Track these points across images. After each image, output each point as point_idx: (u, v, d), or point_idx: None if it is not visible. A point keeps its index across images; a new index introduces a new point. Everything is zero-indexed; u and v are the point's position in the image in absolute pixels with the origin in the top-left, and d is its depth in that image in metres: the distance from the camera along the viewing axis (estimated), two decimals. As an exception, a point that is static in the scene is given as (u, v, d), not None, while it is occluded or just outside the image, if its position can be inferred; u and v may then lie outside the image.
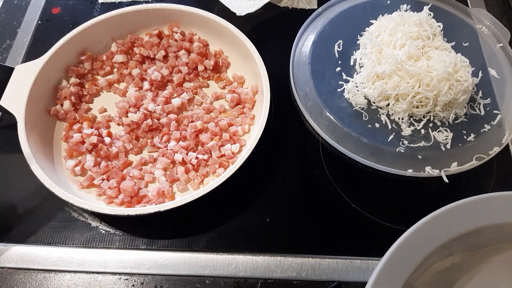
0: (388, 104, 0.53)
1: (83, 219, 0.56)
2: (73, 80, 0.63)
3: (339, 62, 0.58)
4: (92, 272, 0.52)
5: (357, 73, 0.57)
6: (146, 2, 0.74)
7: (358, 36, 0.60)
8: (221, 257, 0.53)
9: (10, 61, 0.71)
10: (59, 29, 0.73)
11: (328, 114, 0.53)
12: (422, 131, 0.52)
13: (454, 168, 0.50)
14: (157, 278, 0.52)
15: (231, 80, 0.66)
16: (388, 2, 0.63)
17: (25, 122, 0.55)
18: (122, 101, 0.62)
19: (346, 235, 0.55)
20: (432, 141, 0.51)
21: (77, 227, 0.55)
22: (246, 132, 0.60)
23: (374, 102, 0.54)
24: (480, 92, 0.55)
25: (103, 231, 0.55)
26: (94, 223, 0.55)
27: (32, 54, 0.71)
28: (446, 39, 0.58)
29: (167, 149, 0.58)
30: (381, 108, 0.54)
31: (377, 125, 0.53)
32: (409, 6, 0.61)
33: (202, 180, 0.56)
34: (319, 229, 0.55)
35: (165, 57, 0.67)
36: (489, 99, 0.54)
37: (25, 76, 0.58)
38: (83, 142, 0.59)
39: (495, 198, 0.41)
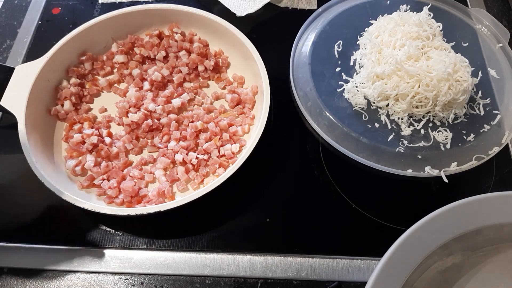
0: (388, 104, 0.53)
1: (83, 219, 0.56)
2: (73, 80, 0.63)
3: (339, 62, 0.58)
4: (92, 272, 0.52)
5: (357, 73, 0.57)
6: (146, 3, 0.74)
7: (358, 36, 0.60)
8: (221, 257, 0.53)
9: (11, 61, 0.71)
10: (59, 29, 0.73)
11: (328, 114, 0.53)
12: (422, 131, 0.52)
13: (454, 168, 0.50)
14: (157, 278, 0.52)
15: (231, 80, 0.66)
16: (388, 2, 0.63)
17: (25, 122, 0.55)
18: (122, 101, 0.62)
19: (346, 235, 0.55)
20: (432, 141, 0.51)
21: (77, 227, 0.55)
22: (246, 132, 0.60)
23: (374, 102, 0.54)
24: (480, 92, 0.55)
25: (103, 231, 0.55)
26: (94, 223, 0.56)
27: (32, 54, 0.71)
28: (445, 39, 0.58)
29: (167, 149, 0.59)
30: (380, 108, 0.54)
31: (377, 125, 0.53)
32: (408, 6, 0.61)
33: (202, 180, 0.57)
34: (319, 229, 0.55)
35: (166, 57, 0.67)
36: (488, 99, 0.54)
37: (25, 76, 0.58)
38: (83, 142, 0.59)
39: (495, 198, 0.41)
